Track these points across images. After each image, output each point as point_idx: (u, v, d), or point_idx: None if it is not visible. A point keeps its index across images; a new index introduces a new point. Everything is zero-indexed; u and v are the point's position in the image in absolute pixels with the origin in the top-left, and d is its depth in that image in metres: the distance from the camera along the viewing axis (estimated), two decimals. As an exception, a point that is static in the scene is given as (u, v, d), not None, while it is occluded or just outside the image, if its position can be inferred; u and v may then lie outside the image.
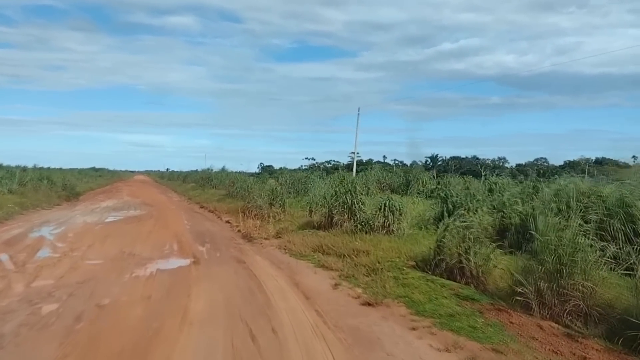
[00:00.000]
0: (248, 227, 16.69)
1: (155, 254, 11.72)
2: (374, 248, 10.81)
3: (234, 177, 34.88)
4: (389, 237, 11.86)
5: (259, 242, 14.08)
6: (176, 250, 12.46)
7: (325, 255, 11.18)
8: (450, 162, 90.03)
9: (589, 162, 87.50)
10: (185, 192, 42.24)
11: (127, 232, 15.64)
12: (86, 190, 41.57)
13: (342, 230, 13.59)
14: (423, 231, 12.61)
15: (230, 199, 28.03)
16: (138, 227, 17.18)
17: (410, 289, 7.84)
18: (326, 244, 12.02)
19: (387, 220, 12.34)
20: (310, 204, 17.71)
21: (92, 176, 71.21)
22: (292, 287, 8.56)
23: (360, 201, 14.02)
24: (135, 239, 14.08)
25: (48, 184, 31.30)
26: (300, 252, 11.93)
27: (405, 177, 27.75)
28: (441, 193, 13.00)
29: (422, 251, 9.87)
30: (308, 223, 15.99)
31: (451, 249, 8.45)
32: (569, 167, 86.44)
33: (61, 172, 57.72)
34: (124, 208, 25.69)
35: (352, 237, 12.40)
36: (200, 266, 10.46)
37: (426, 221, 13.50)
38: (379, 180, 27.85)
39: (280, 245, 13.15)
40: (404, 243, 11.08)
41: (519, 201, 10.63)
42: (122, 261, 10.71)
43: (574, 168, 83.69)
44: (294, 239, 13.52)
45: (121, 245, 12.75)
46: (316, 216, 16.74)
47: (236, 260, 11.26)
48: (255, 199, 20.15)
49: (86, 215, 20.85)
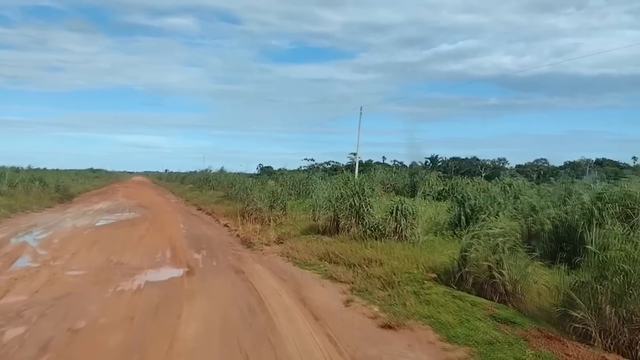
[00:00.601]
0: (247, 231, 15.63)
1: (145, 263, 10.65)
2: (387, 257, 9.74)
3: (232, 178, 33.81)
4: (402, 244, 10.80)
5: (259, 248, 13.01)
6: (169, 258, 11.39)
7: (333, 265, 10.12)
8: (450, 162, 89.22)
9: (590, 163, 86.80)
10: (183, 193, 41.12)
11: (118, 237, 14.56)
12: (81, 192, 40.44)
13: (349, 235, 12.53)
14: (438, 237, 11.54)
15: (228, 201, 26.95)
16: (130, 231, 16.11)
17: (435, 308, 6.77)
18: (333, 251, 10.95)
19: (399, 225, 11.28)
20: (314, 207, 16.65)
21: (89, 177, 70.08)
22: (298, 305, 7.50)
23: (369, 204, 12.96)
24: (125, 245, 13.00)
25: (40, 186, 30.17)
26: (304, 260, 10.86)
27: (411, 179, 26.70)
28: (457, 195, 11.95)
29: (443, 262, 8.80)
30: (312, 227, 14.92)
31: (479, 260, 7.38)
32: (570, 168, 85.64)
33: (56, 173, 56.69)
34: (118, 210, 24.61)
35: (361, 243, 11.33)
36: (195, 277, 9.39)
37: (441, 226, 12.44)
38: (383, 182, 26.83)
39: (282, 253, 12.08)
40: (420, 251, 10.01)
41: (550, 205, 9.56)
42: (107, 272, 9.63)
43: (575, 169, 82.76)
44: (297, 245, 12.46)
45: (109, 252, 11.68)
46: (320, 220, 15.67)
47: (234, 269, 10.19)
48: (254, 201, 19.08)
49: (77, 219, 19.77)
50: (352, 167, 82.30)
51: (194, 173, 60.40)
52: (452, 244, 10.88)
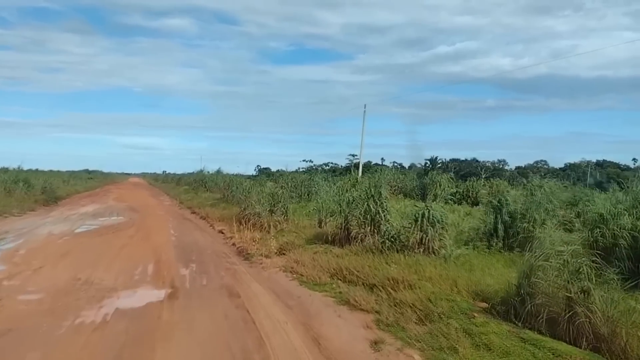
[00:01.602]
0: (245, 239, 13.77)
1: (120, 282, 8.80)
2: (417, 276, 7.90)
3: (229, 180, 31.94)
4: (431, 260, 8.95)
5: (258, 261, 11.16)
6: (151, 275, 9.54)
7: (349, 285, 8.28)
8: (450, 164, 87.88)
9: (591, 165, 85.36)
10: (178, 195, 39.19)
11: (96, 247, 12.69)
12: (71, 194, 38.54)
13: (363, 247, 10.69)
14: (471, 250, 9.70)
15: (224, 204, 25.08)
16: (112, 239, 14.23)
17: (501, 358, 4.93)
18: (347, 266, 9.11)
19: (425, 236, 9.44)
20: (319, 212, 14.82)
21: (83, 178, 68.14)
22: (310, 347, 5.65)
23: (386, 210, 11.13)
24: (101, 257, 11.13)
25: (24, 187, 28.26)
26: (313, 277, 9.03)
27: (420, 181, 24.86)
28: (492, 200, 10.13)
29: (492, 285, 6.97)
30: (318, 236, 13.08)
31: (552, 288, 5.55)
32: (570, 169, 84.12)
33: (47, 174, 54.68)
34: (105, 214, 22.72)
35: (380, 257, 9.50)
36: (178, 303, 7.54)
37: (470, 236, 10.61)
38: (390, 184, 24.99)
39: (285, 267, 10.24)
40: (457, 270, 8.17)
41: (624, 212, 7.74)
42: (70, 295, 7.78)
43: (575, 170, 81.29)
44: (303, 257, 10.62)
45: (80, 267, 9.82)
46: (328, 227, 13.83)
47: (228, 291, 8.34)
48: (253, 205, 17.21)
49: (56, 224, 17.89)
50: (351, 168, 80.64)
51: (191, 174, 58.42)
52: (493, 259, 9.08)
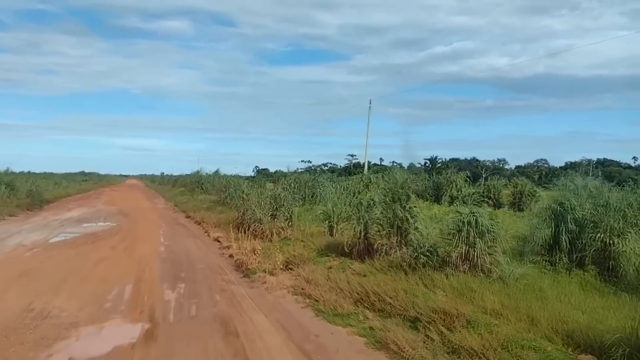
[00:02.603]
0: (244, 250, 11.81)
1: (85, 313, 6.84)
2: (474, 307, 5.96)
3: (226, 181, 29.96)
4: (484, 282, 7.01)
5: (260, 279, 9.20)
6: (126, 302, 7.57)
7: (381, 316, 6.36)
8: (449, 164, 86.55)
9: (592, 163, 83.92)
10: (174, 197, 37.20)
11: (67, 261, 10.72)
12: (61, 197, 36.53)
13: (389, 262, 8.75)
14: (528, 267, 7.71)
15: (221, 207, 23.11)
16: (90, 250, 12.26)
17: None
18: (374, 289, 7.17)
19: (472, 249, 7.49)
20: (330, 218, 12.89)
21: (77, 181, 66.09)
22: None
23: (415, 216, 9.20)
24: (69, 276, 9.17)
25: (7, 190, 26.26)
26: (332, 304, 7.09)
27: (434, 181, 22.90)
28: (554, 205, 8.19)
29: (586, 324, 5.02)
30: (330, 246, 11.14)
31: None
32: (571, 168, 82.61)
33: (43, 177, 52.64)
34: (92, 219, 20.75)
35: (413, 277, 7.56)
36: (155, 348, 5.59)
37: (522, 248, 8.65)
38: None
39: (295, 288, 8.30)
40: (525, 298, 6.21)
41: None
42: (12, 336, 5.82)
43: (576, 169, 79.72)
44: (316, 275, 8.68)
45: (38, 291, 7.87)
46: (341, 235, 11.90)
47: (223, 327, 6.38)
48: (252, 209, 15.24)
49: (33, 232, 15.92)
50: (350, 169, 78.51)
51: (188, 176, 56.37)
52: (564, 281, 7.13)
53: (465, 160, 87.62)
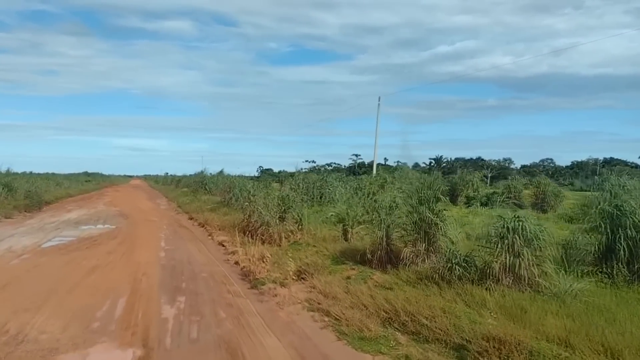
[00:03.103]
0: (251, 257, 10.81)
1: (68, 335, 5.85)
2: (532, 332, 4.92)
3: (230, 182, 28.96)
4: (537, 299, 5.96)
5: (270, 291, 8.20)
6: (118, 319, 6.58)
7: (415, 340, 5.35)
8: (454, 163, 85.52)
9: (598, 163, 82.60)
10: (177, 198, 36.27)
11: (57, 270, 9.75)
12: (62, 197, 35.66)
13: (416, 272, 7.72)
14: (580, 280, 6.66)
15: (226, 208, 22.13)
16: (83, 257, 11.29)
17: None
18: (404, 306, 6.15)
19: (518, 260, 6.44)
20: (344, 220, 11.87)
21: (80, 181, 65.20)
22: None
23: (443, 220, 8.17)
24: (57, 287, 8.19)
25: (4, 192, 25.38)
26: (355, 324, 6.06)
27: (449, 181, 21.81)
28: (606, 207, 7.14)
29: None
30: (346, 252, 10.12)
31: None
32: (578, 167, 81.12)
33: (44, 177, 51.76)
34: (90, 222, 19.81)
35: (449, 291, 6.53)
36: (147, 384, 4.59)
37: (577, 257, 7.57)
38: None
39: (310, 303, 7.30)
40: (594, 322, 5.16)
41: None
42: (-25, 369, 4.84)
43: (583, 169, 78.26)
44: (333, 287, 7.66)
45: (18, 306, 6.89)
46: (357, 240, 10.88)
47: (230, 354, 5.38)
48: (259, 212, 14.23)
49: (25, 235, 15.00)
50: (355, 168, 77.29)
51: (191, 176, 55.41)
52: (630, 298, 6.07)
53: (471, 160, 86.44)
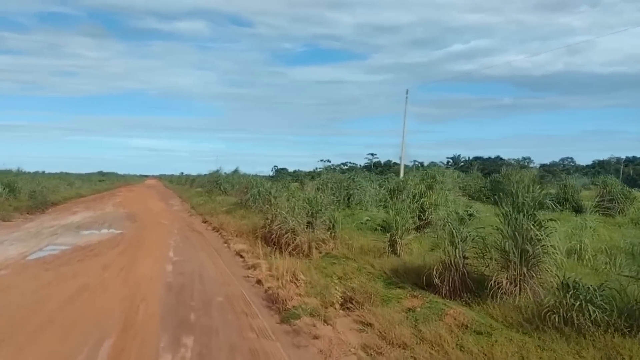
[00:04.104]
0: (277, 273, 8.69)
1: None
2: None
3: (247, 181, 26.93)
4: None
5: (308, 329, 6.03)
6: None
7: None
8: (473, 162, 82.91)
9: (621, 162, 79.42)
10: (190, 198, 34.37)
11: (33, 292, 7.67)
12: (71, 198, 33.99)
13: (515, 307, 5.51)
14: None
15: (243, 211, 20.08)
16: (72, 273, 9.25)
17: None
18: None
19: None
20: (393, 229, 9.65)
21: (93, 181, 63.90)
22: None
23: (548, 234, 5.93)
24: (24, 319, 6.12)
25: (5, 192, 23.65)
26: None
27: (490, 180, 19.47)
28: None
29: None
30: (398, 271, 7.94)
31: None
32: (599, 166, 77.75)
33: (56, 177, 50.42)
34: (93, 225, 17.89)
35: (584, 342, 4.33)
36: None
37: None
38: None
39: (368, 353, 5.12)
40: None
41: None
42: None
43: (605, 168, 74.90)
44: (397, 327, 5.50)
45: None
46: (408, 254, 8.68)
47: None
48: (283, 216, 12.09)
49: (15, 243, 13.08)
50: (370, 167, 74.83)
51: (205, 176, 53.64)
52: None
53: (489, 158, 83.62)
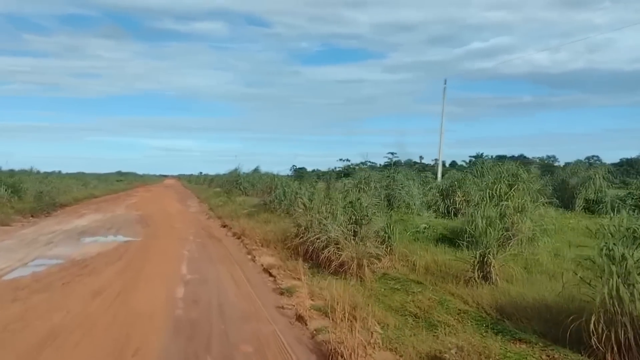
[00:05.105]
0: (327, 306, 6.25)
1: None
2: None
3: (270, 180, 24.62)
4: None
5: None
6: None
7: None
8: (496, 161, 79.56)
9: (652, 160, 75.24)
10: (208, 199, 32.20)
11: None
12: (84, 199, 32.19)
13: None
14: None
15: (267, 214, 17.75)
16: (48, 305, 6.96)
17: None
18: None
19: None
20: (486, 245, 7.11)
21: (111, 181, 62.59)
22: None
23: None
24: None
25: (7, 193, 21.70)
26: None
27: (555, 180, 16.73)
28: None
29: None
30: (504, 308, 5.44)
31: None
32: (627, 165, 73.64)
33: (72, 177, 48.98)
34: (99, 231, 15.73)
35: None
36: None
37: None
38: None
39: None
40: None
41: None
42: None
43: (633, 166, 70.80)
44: None
45: None
46: (507, 282, 6.17)
47: None
48: (322, 223, 9.64)
49: (5, 252, 10.94)
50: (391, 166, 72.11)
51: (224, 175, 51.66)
52: None
53: (513, 157, 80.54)
